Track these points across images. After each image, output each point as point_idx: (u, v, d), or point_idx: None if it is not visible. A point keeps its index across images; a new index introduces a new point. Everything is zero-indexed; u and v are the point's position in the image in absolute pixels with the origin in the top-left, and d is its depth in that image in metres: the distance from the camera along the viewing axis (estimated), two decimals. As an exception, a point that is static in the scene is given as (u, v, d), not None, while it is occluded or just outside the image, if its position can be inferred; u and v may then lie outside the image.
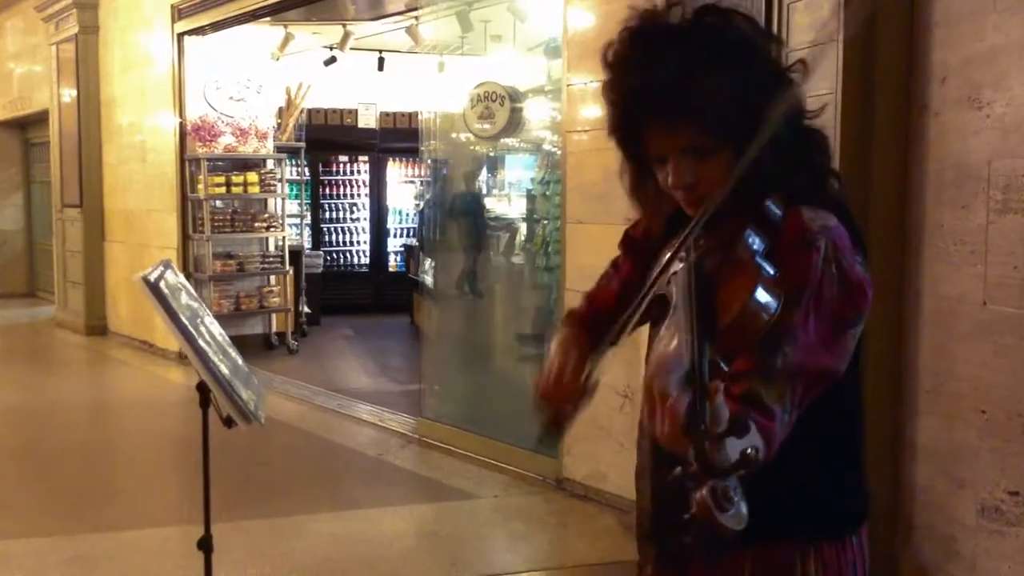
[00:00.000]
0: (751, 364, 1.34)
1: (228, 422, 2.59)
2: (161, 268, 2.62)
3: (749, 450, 1.08)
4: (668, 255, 1.43)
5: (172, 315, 2.46)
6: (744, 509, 1.09)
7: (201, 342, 2.54)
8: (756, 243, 1.38)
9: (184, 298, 2.66)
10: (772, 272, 1.34)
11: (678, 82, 1.38)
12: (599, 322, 1.65)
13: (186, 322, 2.49)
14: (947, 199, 3.16)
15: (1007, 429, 2.95)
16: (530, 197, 6.87)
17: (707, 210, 1.34)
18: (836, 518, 1.56)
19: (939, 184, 3.20)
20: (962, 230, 3.09)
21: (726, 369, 1.23)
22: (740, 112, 1.39)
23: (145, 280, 2.47)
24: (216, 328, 2.85)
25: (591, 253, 4.87)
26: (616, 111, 1.50)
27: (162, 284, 2.50)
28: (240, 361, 2.83)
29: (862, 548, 1.57)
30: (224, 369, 2.56)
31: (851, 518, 1.58)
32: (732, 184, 1.33)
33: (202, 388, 2.64)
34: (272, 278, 9.39)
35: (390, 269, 12.60)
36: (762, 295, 1.30)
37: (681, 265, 1.39)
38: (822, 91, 3.25)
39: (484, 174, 7.52)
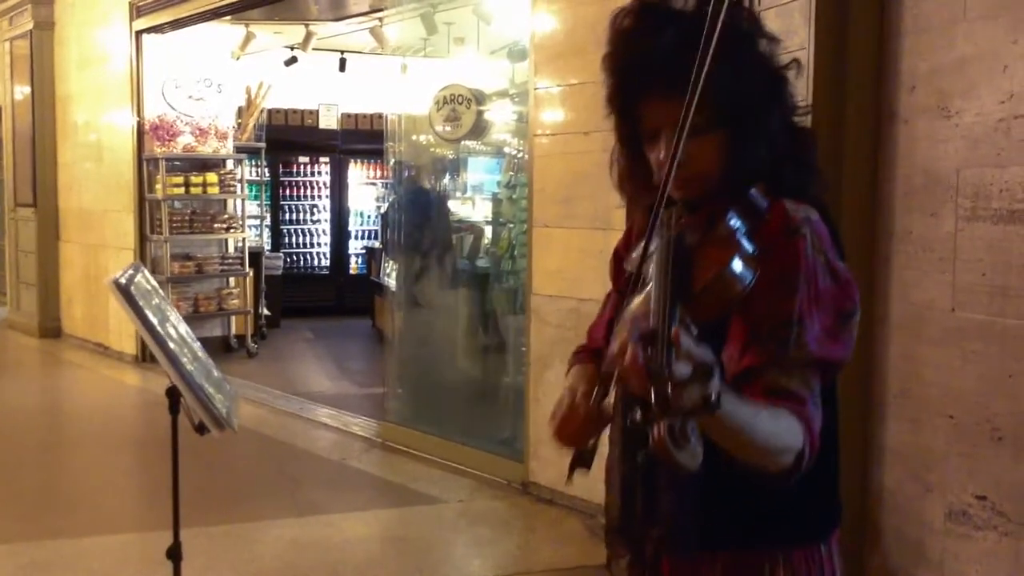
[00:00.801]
0: (761, 358, 1.36)
1: (200, 429, 2.54)
2: (131, 271, 2.57)
3: (713, 395, 1.11)
4: (644, 240, 1.44)
5: (143, 319, 2.41)
6: (700, 449, 1.12)
7: (173, 346, 2.48)
8: (737, 224, 1.39)
9: (155, 301, 2.60)
10: (751, 250, 1.36)
11: (677, 53, 1.40)
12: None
13: (157, 326, 2.44)
14: (916, 206, 3.19)
15: (975, 434, 2.98)
16: (496, 200, 6.85)
17: (664, 188, 1.36)
18: (806, 525, 1.55)
19: (908, 191, 3.23)
20: (931, 237, 3.12)
21: (696, 331, 1.22)
22: (731, 99, 1.42)
23: (116, 283, 2.41)
24: (187, 333, 2.80)
25: (557, 257, 4.87)
26: (615, 80, 1.52)
27: (132, 288, 2.45)
28: (212, 366, 2.78)
29: (832, 555, 1.57)
30: (197, 374, 2.51)
31: (822, 525, 1.58)
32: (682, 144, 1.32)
33: (172, 393, 2.59)
34: (231, 280, 9.28)
35: (351, 271, 12.50)
36: (738, 266, 1.32)
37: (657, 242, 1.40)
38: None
39: (449, 177, 7.49)
